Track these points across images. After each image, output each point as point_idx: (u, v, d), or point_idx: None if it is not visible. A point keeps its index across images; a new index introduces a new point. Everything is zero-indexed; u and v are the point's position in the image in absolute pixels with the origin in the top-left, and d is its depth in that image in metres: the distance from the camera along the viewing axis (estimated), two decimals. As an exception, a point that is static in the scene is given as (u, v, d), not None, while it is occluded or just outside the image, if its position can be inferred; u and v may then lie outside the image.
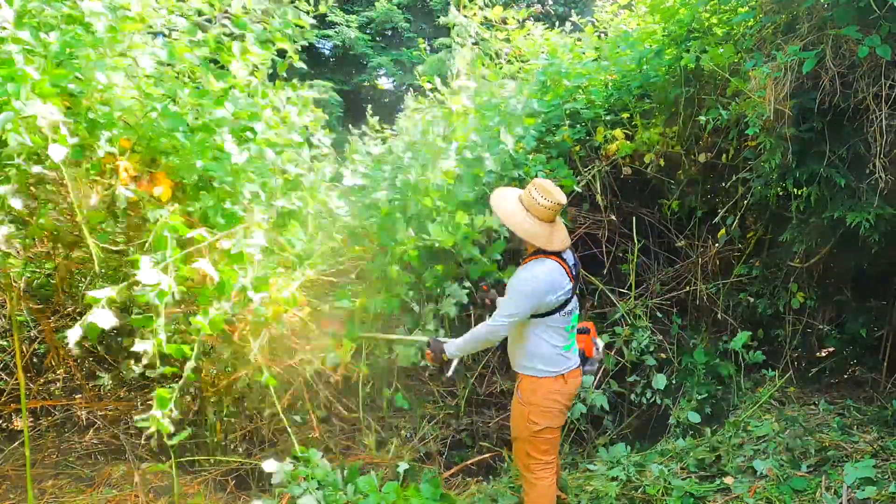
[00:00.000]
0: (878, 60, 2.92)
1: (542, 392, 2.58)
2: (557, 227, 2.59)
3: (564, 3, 13.99)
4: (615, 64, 4.55)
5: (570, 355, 2.65)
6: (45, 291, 3.94)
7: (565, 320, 2.61)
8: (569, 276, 2.58)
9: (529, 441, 2.64)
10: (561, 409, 2.62)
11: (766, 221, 4.09)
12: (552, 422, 2.61)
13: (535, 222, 2.53)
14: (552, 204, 2.50)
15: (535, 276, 2.52)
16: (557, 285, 2.53)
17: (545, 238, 2.53)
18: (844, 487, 2.90)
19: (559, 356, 2.60)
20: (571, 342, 2.67)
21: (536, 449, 2.64)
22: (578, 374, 2.69)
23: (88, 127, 2.29)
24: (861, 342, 4.05)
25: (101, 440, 3.84)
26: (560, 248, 2.56)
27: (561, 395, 2.60)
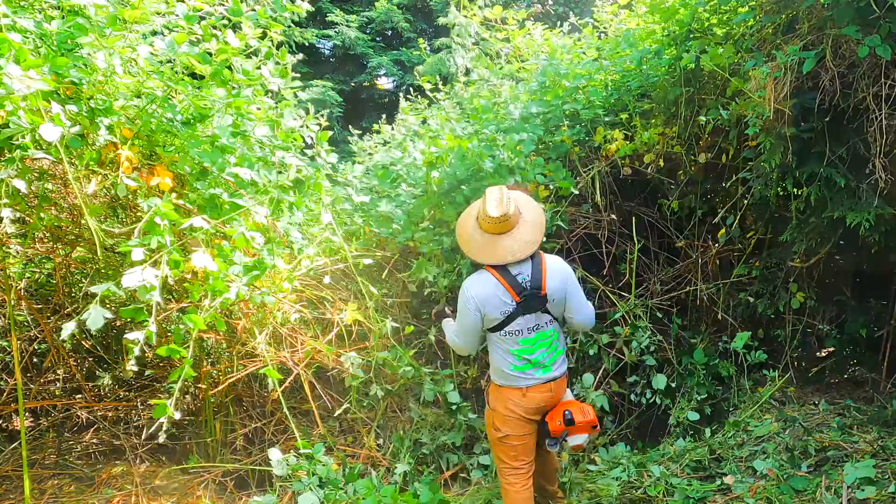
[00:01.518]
0: (878, 60, 2.92)
1: (502, 400, 2.56)
2: (506, 238, 2.43)
3: (564, 3, 13.99)
4: (615, 64, 4.55)
5: (526, 375, 2.51)
6: (45, 291, 3.94)
7: (510, 341, 2.47)
8: (508, 290, 2.41)
9: (497, 446, 2.65)
10: (519, 418, 2.55)
11: (766, 221, 4.09)
12: (513, 430, 2.56)
13: (477, 232, 2.46)
14: (485, 215, 2.40)
15: (465, 287, 2.45)
16: (491, 300, 2.40)
17: (478, 248, 2.44)
18: (844, 487, 2.90)
19: (512, 374, 2.51)
20: (528, 363, 2.50)
21: (505, 454, 2.62)
22: (544, 390, 2.53)
23: (89, 115, 2.29)
24: (861, 342, 4.05)
25: (101, 440, 3.85)
26: (494, 262, 2.42)
27: (518, 407, 2.53)
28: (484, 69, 5.05)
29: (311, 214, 3.42)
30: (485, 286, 2.42)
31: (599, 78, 4.60)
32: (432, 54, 12.23)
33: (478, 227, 2.47)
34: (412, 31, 13.91)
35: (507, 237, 2.43)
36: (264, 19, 2.81)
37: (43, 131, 1.95)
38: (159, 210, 2.26)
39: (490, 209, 2.39)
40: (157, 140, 2.59)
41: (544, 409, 2.59)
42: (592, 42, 5.10)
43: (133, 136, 2.45)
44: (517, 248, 2.43)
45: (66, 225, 3.25)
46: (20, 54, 1.99)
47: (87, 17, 2.35)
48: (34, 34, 2.21)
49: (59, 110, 2.03)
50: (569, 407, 2.59)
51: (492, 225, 2.41)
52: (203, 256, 2.32)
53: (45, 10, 2.46)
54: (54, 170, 2.91)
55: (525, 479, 2.61)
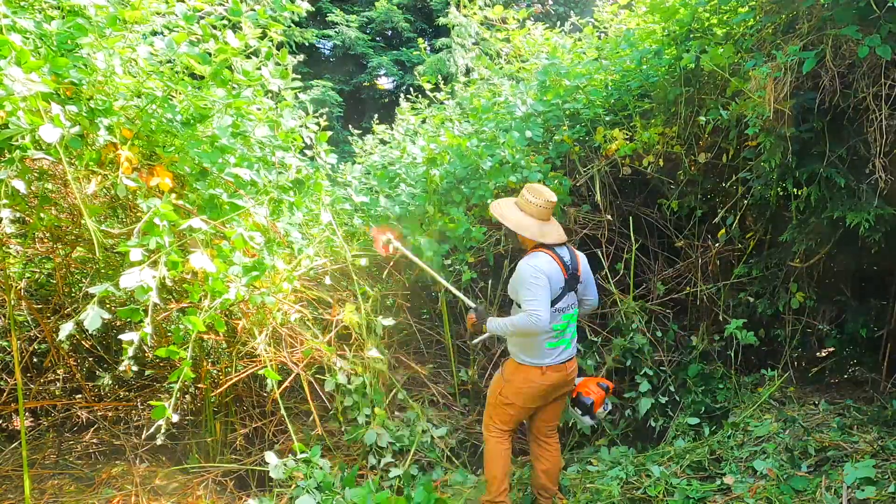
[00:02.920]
0: (878, 60, 2.92)
1: (521, 377, 2.84)
2: (550, 224, 2.85)
3: (564, 3, 13.99)
4: (615, 64, 4.55)
5: (555, 352, 2.82)
6: (45, 291, 3.94)
7: (555, 318, 2.78)
8: (561, 269, 2.78)
9: (496, 409, 2.95)
10: (533, 394, 2.85)
11: (766, 221, 4.09)
12: (521, 402, 2.87)
13: (529, 219, 2.81)
14: (542, 202, 2.79)
15: (535, 265, 2.71)
16: (553, 274, 2.74)
17: (536, 231, 2.79)
18: (844, 487, 2.90)
19: (542, 350, 2.79)
20: (559, 340, 2.83)
21: (500, 418, 2.94)
22: (560, 370, 2.85)
23: (88, 115, 2.29)
24: (861, 342, 4.05)
25: (101, 440, 3.84)
26: (552, 241, 2.80)
27: (536, 385, 2.82)
28: (484, 69, 5.04)
29: (311, 214, 3.43)
30: (547, 262, 2.75)
31: (599, 78, 4.60)
32: (432, 54, 12.23)
33: (526, 215, 2.83)
34: (412, 31, 13.91)
35: (551, 224, 2.87)
36: (264, 19, 2.81)
37: (43, 132, 1.96)
38: (158, 211, 2.26)
39: (549, 195, 2.81)
40: (156, 140, 2.59)
41: (557, 388, 2.88)
42: (592, 42, 5.10)
43: (133, 137, 2.45)
44: (562, 231, 2.89)
45: (66, 225, 3.24)
46: (21, 56, 1.99)
47: (88, 17, 2.35)
48: (34, 34, 2.21)
49: (58, 111, 2.03)
50: (591, 381, 3.06)
51: (545, 210, 2.81)
52: (201, 257, 2.32)
53: (45, 10, 2.45)
54: (54, 170, 2.90)
55: (508, 438, 2.98)
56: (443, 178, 3.87)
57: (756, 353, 4.38)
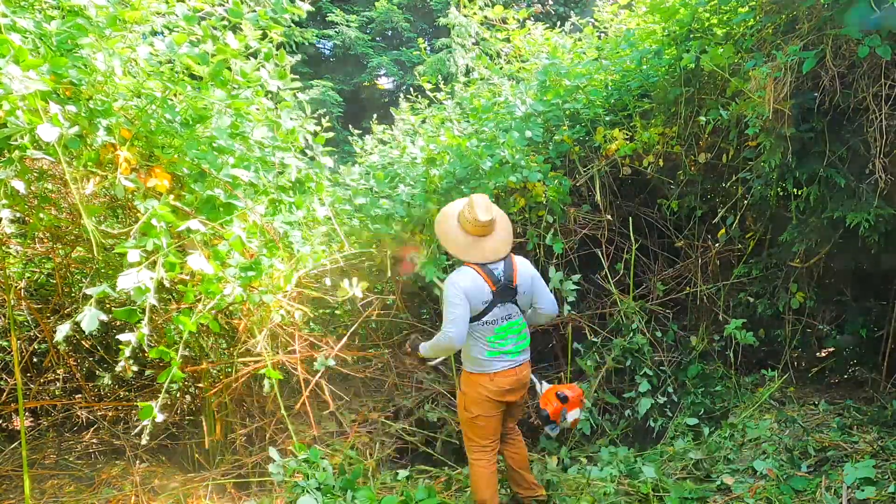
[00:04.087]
0: (878, 60, 2.92)
1: (473, 385, 2.88)
2: (487, 240, 2.79)
3: (564, 3, 13.98)
4: (615, 64, 4.55)
5: (498, 360, 2.84)
6: (45, 291, 3.94)
7: (487, 330, 2.79)
8: (487, 282, 2.75)
9: (468, 426, 2.96)
10: (488, 400, 2.86)
11: (766, 221, 4.09)
12: (483, 411, 2.88)
13: (460, 233, 2.79)
14: (472, 220, 2.74)
15: (453, 281, 2.72)
16: (473, 290, 2.71)
17: (462, 247, 2.78)
18: (844, 487, 2.90)
19: (484, 361, 2.83)
20: (499, 350, 2.83)
21: (475, 433, 2.95)
22: (510, 374, 2.85)
23: (88, 116, 2.29)
24: (861, 342, 4.05)
25: (101, 440, 3.84)
26: (476, 261, 2.76)
27: (487, 390, 2.84)
28: (484, 69, 5.04)
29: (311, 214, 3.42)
30: (468, 278, 2.73)
31: (599, 78, 4.60)
32: (432, 54, 12.23)
33: (460, 229, 2.80)
34: (412, 31, 13.91)
35: (489, 239, 2.80)
36: (265, 20, 2.80)
37: (41, 131, 1.95)
38: (156, 212, 2.26)
39: (480, 215, 2.74)
40: (155, 141, 2.58)
41: (510, 392, 2.89)
42: (592, 42, 5.10)
43: (132, 137, 2.45)
44: (498, 248, 2.82)
45: (66, 225, 3.24)
46: (20, 54, 1.98)
47: (88, 17, 2.35)
48: (33, 34, 2.20)
49: (57, 110, 2.03)
50: (558, 389, 2.97)
51: (478, 228, 2.76)
52: (199, 259, 2.32)
53: (44, 10, 2.45)
54: (54, 170, 2.90)
55: (491, 455, 2.96)
56: (442, 178, 3.87)
57: (756, 353, 4.38)
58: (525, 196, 4.03)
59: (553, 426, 2.98)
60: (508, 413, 3.06)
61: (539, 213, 4.12)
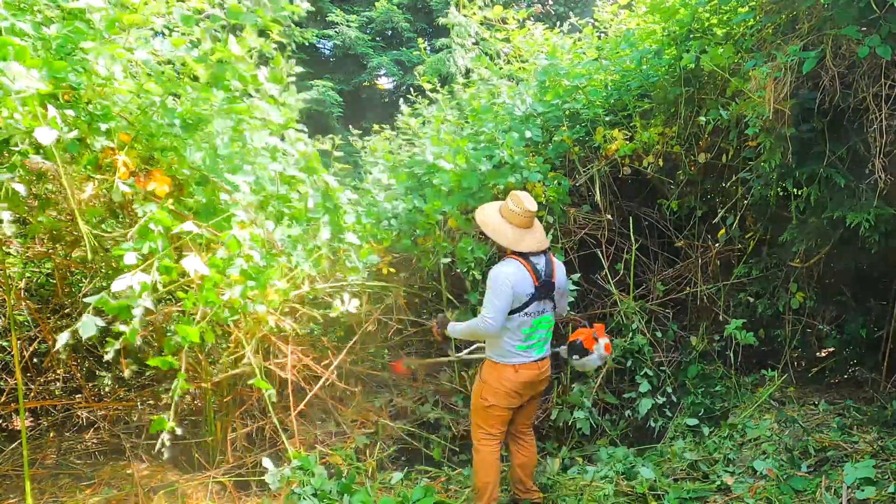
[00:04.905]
0: (878, 60, 2.92)
1: (496, 376, 2.95)
2: (530, 233, 2.93)
3: (564, 3, 13.98)
4: (615, 64, 4.55)
5: (525, 353, 2.94)
6: (45, 291, 3.94)
7: (524, 322, 2.89)
8: (531, 276, 2.86)
9: (480, 413, 3.03)
10: (508, 392, 2.94)
11: (766, 221, 4.09)
12: (500, 402, 2.95)
13: (507, 226, 2.90)
14: (521, 210, 2.88)
15: (501, 272, 2.83)
16: (521, 281, 2.83)
17: (511, 238, 2.88)
18: (844, 487, 2.90)
19: (513, 353, 2.92)
20: (529, 344, 2.94)
21: (485, 421, 3.01)
22: (533, 368, 2.95)
23: (87, 120, 2.29)
24: (861, 342, 4.05)
25: (101, 440, 3.84)
26: (526, 249, 2.88)
27: (510, 382, 2.92)
28: (484, 69, 5.04)
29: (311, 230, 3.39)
30: (516, 269, 2.84)
31: (599, 78, 4.60)
32: (432, 54, 12.22)
33: (506, 222, 2.92)
34: (412, 31, 13.90)
35: (532, 231, 2.94)
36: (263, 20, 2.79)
37: (38, 135, 1.95)
38: (154, 216, 2.26)
39: (529, 205, 2.89)
40: (155, 144, 2.58)
41: (531, 385, 2.98)
42: (592, 42, 5.10)
43: (131, 140, 2.44)
44: (541, 239, 2.96)
45: (66, 226, 3.24)
46: (20, 53, 1.98)
47: (87, 21, 2.34)
48: (33, 37, 2.20)
49: (55, 114, 2.02)
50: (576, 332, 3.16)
51: (526, 219, 2.89)
52: (194, 260, 2.32)
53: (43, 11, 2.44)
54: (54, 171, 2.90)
55: (497, 444, 3.04)
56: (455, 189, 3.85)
57: (756, 353, 4.37)
58: (525, 196, 4.03)
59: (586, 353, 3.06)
60: (524, 411, 3.11)
61: (539, 213, 4.11)
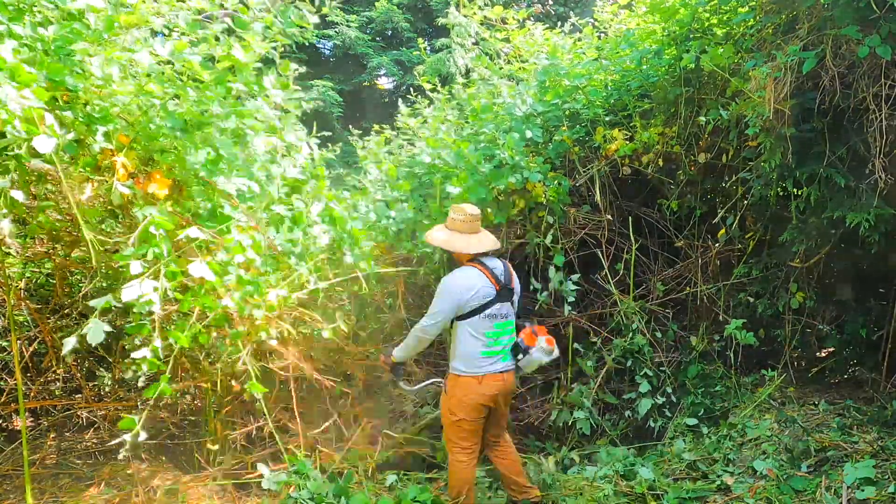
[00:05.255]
0: (878, 60, 2.92)
1: (460, 389, 2.93)
2: (477, 236, 3.00)
3: (564, 3, 13.98)
4: (615, 64, 4.55)
5: (490, 360, 2.93)
6: (45, 291, 3.93)
7: (485, 324, 2.90)
8: (490, 280, 2.90)
9: (450, 428, 3.01)
10: (474, 404, 2.92)
11: (766, 221, 4.09)
12: (468, 415, 2.93)
13: (454, 235, 2.97)
14: (464, 216, 2.96)
15: (451, 278, 2.91)
16: (474, 286, 2.86)
17: (462, 244, 2.94)
18: (844, 487, 2.90)
19: (477, 359, 2.91)
20: (493, 350, 2.93)
21: (456, 435, 3.00)
22: (497, 379, 2.94)
23: (85, 121, 2.28)
24: (861, 342, 4.05)
25: (101, 440, 3.84)
26: (476, 251, 2.94)
27: (475, 394, 2.90)
28: (484, 69, 5.04)
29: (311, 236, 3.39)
30: (469, 276, 2.90)
31: (599, 78, 4.60)
32: (432, 54, 12.22)
33: (453, 232, 2.99)
34: (412, 31, 13.90)
35: (480, 235, 3.03)
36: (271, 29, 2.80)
37: (37, 143, 1.95)
38: (154, 220, 2.26)
39: (469, 209, 2.98)
40: (155, 146, 2.57)
41: (496, 398, 2.96)
42: (592, 42, 5.10)
43: (130, 142, 2.44)
44: (492, 241, 3.02)
45: (65, 227, 3.24)
46: (15, 71, 1.97)
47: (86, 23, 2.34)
48: (30, 39, 2.19)
49: (52, 121, 2.02)
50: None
51: (469, 224, 2.96)
52: (201, 266, 2.32)
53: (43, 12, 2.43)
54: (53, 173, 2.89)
55: (472, 457, 3.02)
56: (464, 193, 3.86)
57: (756, 353, 4.37)
58: (525, 197, 4.02)
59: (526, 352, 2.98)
60: (494, 421, 3.09)
61: (539, 213, 4.11)
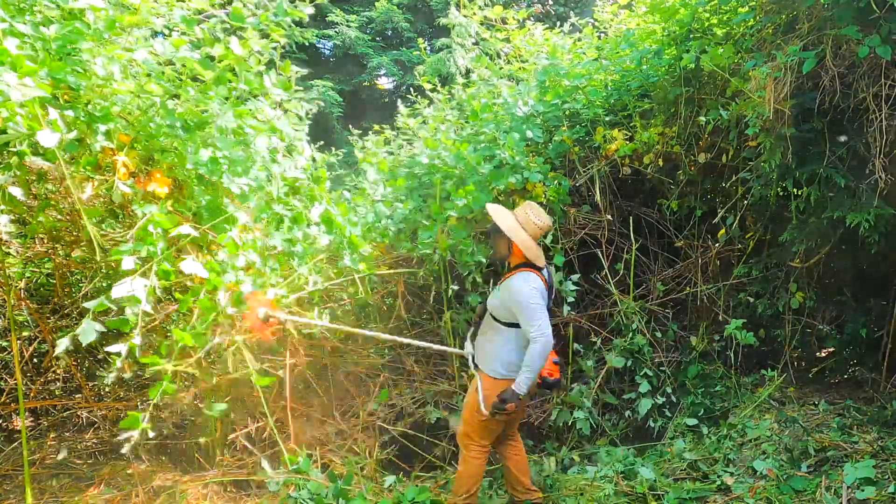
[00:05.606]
0: (878, 60, 2.92)
1: (496, 392, 2.87)
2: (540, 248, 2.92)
3: (564, 3, 13.98)
4: (615, 64, 4.55)
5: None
6: (45, 291, 3.93)
7: None
8: (547, 289, 2.89)
9: (475, 427, 2.99)
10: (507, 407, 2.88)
11: (766, 221, 4.09)
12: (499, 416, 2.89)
13: (530, 240, 2.83)
14: (544, 224, 2.86)
15: (535, 286, 2.77)
16: (545, 292, 2.83)
17: (536, 253, 2.84)
18: (844, 487, 2.90)
19: (517, 365, 2.84)
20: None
21: (478, 434, 2.99)
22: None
23: (87, 120, 2.29)
24: (861, 342, 4.05)
25: (101, 440, 3.84)
26: (542, 264, 2.89)
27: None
28: (484, 69, 5.04)
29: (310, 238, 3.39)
30: (540, 283, 2.82)
31: (599, 78, 4.60)
32: (432, 54, 12.23)
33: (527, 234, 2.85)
34: (412, 31, 13.91)
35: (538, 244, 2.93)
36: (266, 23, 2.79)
37: (41, 137, 1.95)
38: (152, 218, 2.26)
39: (549, 220, 2.89)
40: (155, 145, 2.57)
41: (527, 397, 2.90)
42: (592, 42, 5.10)
43: (131, 141, 2.44)
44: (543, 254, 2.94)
45: (66, 226, 3.24)
46: (17, 61, 1.98)
47: (87, 22, 2.34)
48: (32, 38, 2.20)
49: (56, 116, 2.02)
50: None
51: (540, 232, 2.87)
52: (193, 263, 2.32)
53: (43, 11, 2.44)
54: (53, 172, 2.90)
55: (486, 454, 3.05)
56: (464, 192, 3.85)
57: (756, 353, 4.38)
58: (525, 197, 4.03)
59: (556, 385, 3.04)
60: (514, 418, 3.09)
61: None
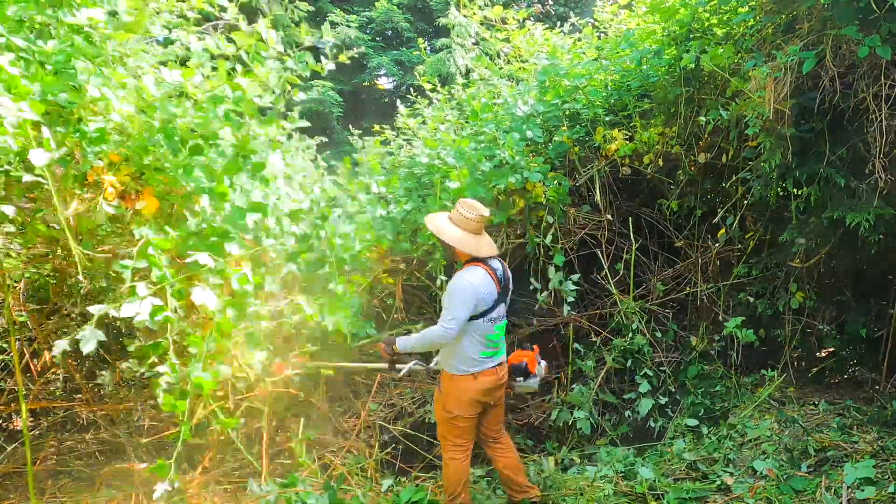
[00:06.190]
0: (878, 60, 2.92)
1: (456, 387, 2.94)
2: (484, 238, 2.98)
3: (564, 3, 13.97)
4: (615, 64, 4.55)
5: (485, 359, 2.94)
6: (45, 293, 3.93)
7: (487, 327, 2.91)
8: (494, 282, 2.90)
9: (445, 425, 3.03)
10: (470, 401, 2.94)
11: (766, 221, 4.09)
12: (463, 411, 2.95)
13: (464, 234, 2.91)
14: (476, 216, 2.91)
15: (469, 281, 2.83)
16: (485, 288, 2.85)
17: (473, 246, 2.90)
18: (844, 487, 2.90)
19: (476, 360, 2.92)
20: (491, 351, 2.95)
21: (450, 432, 3.02)
22: (491, 374, 2.96)
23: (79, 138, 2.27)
24: (861, 342, 4.04)
25: (101, 440, 3.84)
26: (486, 254, 2.93)
27: (471, 391, 2.92)
28: (484, 69, 5.04)
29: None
30: (482, 277, 2.87)
31: (599, 78, 4.60)
32: (432, 54, 12.23)
33: (462, 231, 2.93)
34: (412, 31, 13.90)
35: (483, 237, 2.98)
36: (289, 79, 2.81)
37: (32, 157, 1.95)
38: (150, 242, 2.26)
39: (482, 209, 2.94)
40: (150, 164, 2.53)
41: (491, 392, 2.97)
42: (592, 42, 5.10)
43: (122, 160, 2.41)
44: (492, 246, 3.02)
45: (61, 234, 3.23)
46: (12, 82, 1.97)
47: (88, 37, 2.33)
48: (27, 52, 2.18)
49: (48, 135, 2.02)
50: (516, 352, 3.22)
51: (479, 225, 2.92)
52: (204, 293, 2.32)
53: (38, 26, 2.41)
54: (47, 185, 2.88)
55: (465, 454, 3.05)
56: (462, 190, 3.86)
57: (756, 353, 4.37)
58: (525, 197, 4.03)
59: (531, 376, 3.12)
60: (489, 417, 3.10)
61: (539, 213, 4.11)
